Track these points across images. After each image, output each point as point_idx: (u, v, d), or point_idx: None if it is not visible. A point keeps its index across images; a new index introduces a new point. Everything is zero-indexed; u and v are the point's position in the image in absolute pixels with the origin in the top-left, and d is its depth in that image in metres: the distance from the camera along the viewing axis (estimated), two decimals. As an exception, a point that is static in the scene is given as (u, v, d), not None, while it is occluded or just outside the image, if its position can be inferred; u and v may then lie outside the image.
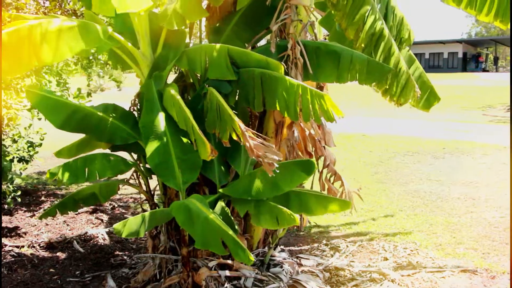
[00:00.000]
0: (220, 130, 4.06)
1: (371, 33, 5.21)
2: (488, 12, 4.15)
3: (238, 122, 3.74)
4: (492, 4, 4.10)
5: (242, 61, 4.26)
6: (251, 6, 4.95)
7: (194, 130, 3.85)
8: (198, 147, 3.90)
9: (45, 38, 3.71)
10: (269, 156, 3.66)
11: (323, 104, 3.72)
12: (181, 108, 4.00)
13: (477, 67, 50.47)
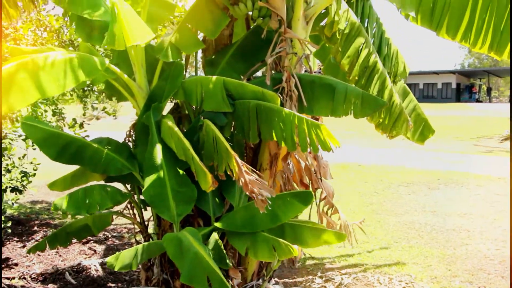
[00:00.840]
0: (217, 163, 4.07)
1: (364, 66, 5.29)
2: (483, 45, 4.22)
3: (234, 156, 3.74)
4: (486, 37, 4.17)
5: (238, 93, 4.29)
6: (247, 39, 5.02)
7: (194, 161, 3.86)
8: (199, 177, 3.89)
9: (46, 71, 3.75)
10: (262, 193, 3.65)
11: (319, 134, 3.73)
12: (179, 139, 4.01)
13: (471, 98, 50.98)
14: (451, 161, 16.37)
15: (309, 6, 4.81)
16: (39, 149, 4.51)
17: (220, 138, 3.96)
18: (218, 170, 4.03)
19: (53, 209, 4.47)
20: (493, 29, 4.08)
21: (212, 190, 4.39)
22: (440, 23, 4.32)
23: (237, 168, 3.72)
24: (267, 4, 4.60)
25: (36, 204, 10.72)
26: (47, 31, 6.74)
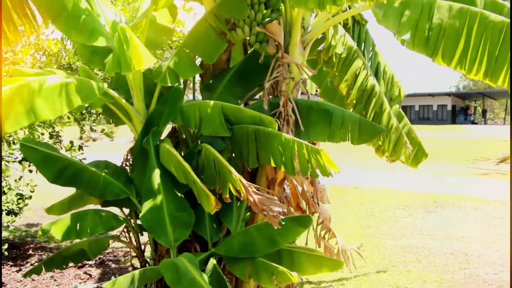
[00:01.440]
0: (220, 186, 4.07)
1: (362, 90, 5.33)
2: (478, 72, 4.24)
3: (239, 178, 3.75)
4: (481, 64, 4.20)
5: (236, 118, 4.30)
6: (244, 64, 5.06)
7: (196, 184, 3.85)
8: (202, 200, 3.88)
9: (42, 94, 3.76)
10: (273, 209, 3.67)
11: (319, 159, 3.75)
12: (179, 162, 4.01)
13: (466, 120, 51.24)
14: (447, 183, 16.37)
15: (306, 31, 4.86)
16: (38, 170, 4.52)
17: (222, 161, 3.97)
18: (223, 193, 4.03)
19: (40, 234, 4.44)
20: (488, 56, 4.12)
21: (209, 215, 4.41)
22: (436, 50, 4.36)
23: (244, 189, 3.73)
24: (265, 29, 4.65)
25: (31, 227, 10.64)
26: (46, 54, 6.79)
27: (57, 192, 5.02)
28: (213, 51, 4.73)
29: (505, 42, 4.06)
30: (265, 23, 4.66)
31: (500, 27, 4.10)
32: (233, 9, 4.66)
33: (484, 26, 4.15)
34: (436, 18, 4.31)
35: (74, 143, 7.85)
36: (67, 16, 4.39)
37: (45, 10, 4.53)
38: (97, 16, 4.55)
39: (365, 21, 6.03)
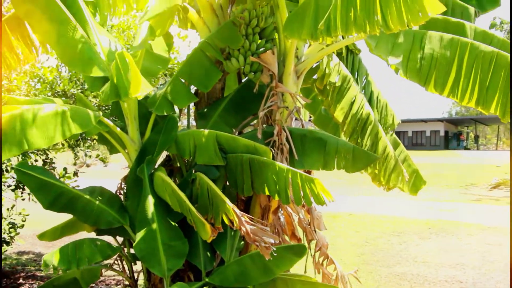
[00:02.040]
0: (212, 215, 4.06)
1: (358, 118, 5.38)
2: (470, 100, 4.29)
3: (232, 207, 3.75)
4: (472, 92, 4.25)
5: (230, 147, 4.33)
6: (239, 93, 5.11)
7: (191, 212, 3.86)
8: (198, 228, 3.89)
9: (36, 123, 3.79)
10: (266, 240, 3.66)
11: (313, 188, 3.76)
12: (174, 191, 4.02)
13: (459, 145, 51.54)
14: (441, 209, 16.37)
15: (300, 61, 4.92)
16: (33, 196, 4.51)
17: (216, 190, 3.97)
18: (215, 222, 4.03)
19: (43, 266, 4.40)
20: (479, 85, 4.18)
21: (203, 244, 4.39)
22: (428, 79, 4.41)
23: (237, 219, 3.73)
24: (259, 59, 4.71)
25: (22, 255, 10.51)
26: (41, 82, 6.81)
27: (48, 219, 4.99)
28: (208, 80, 4.78)
29: (495, 72, 4.13)
30: (260, 53, 4.72)
31: (490, 57, 4.17)
32: (227, 39, 4.73)
33: (474, 56, 4.22)
34: (427, 48, 4.39)
35: (68, 169, 7.82)
36: (64, 44, 4.43)
37: (43, 38, 4.58)
38: (93, 45, 4.59)
39: (358, 50, 6.11)
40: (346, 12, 3.48)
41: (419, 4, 3.19)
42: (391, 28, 3.35)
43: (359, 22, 3.43)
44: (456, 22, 4.84)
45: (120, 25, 7.78)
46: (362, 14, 3.42)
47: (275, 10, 4.89)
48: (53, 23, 4.39)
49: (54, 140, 3.91)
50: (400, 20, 3.29)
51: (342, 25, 3.51)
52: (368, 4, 3.38)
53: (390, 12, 3.30)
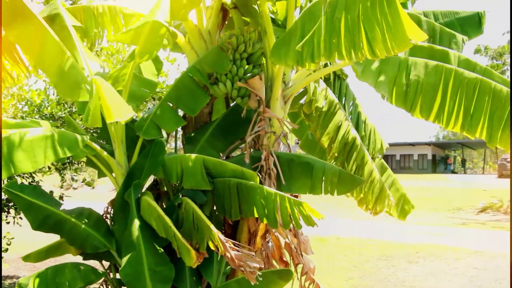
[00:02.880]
0: (197, 241, 4.04)
1: (344, 143, 5.42)
2: (455, 125, 4.35)
3: (217, 233, 3.74)
4: (457, 118, 4.31)
5: (217, 171, 4.34)
6: (226, 117, 5.14)
7: (176, 238, 3.85)
8: (182, 254, 3.86)
9: (23, 147, 3.79)
10: (250, 265, 3.65)
11: (302, 210, 3.78)
12: (160, 216, 4.00)
13: (446, 169, 51.87)
14: (429, 233, 16.39)
15: (287, 86, 4.97)
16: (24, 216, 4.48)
17: (201, 216, 3.96)
18: (200, 248, 4.01)
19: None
20: (464, 111, 4.24)
21: (189, 268, 4.36)
22: (414, 104, 4.47)
23: (222, 245, 3.71)
24: (246, 84, 4.75)
25: (5, 280, 10.33)
26: (28, 104, 6.80)
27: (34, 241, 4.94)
28: (196, 104, 4.80)
29: (479, 97, 4.20)
30: (247, 78, 4.76)
31: (474, 83, 4.25)
32: (215, 64, 4.77)
33: (459, 82, 4.30)
34: (413, 74, 4.46)
35: (55, 191, 7.75)
36: (52, 69, 4.46)
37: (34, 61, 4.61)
38: (81, 69, 4.61)
39: (345, 76, 6.19)
40: (329, 38, 3.52)
41: (402, 31, 3.24)
42: (377, 54, 3.40)
43: (343, 48, 3.48)
44: (441, 50, 4.93)
45: (109, 48, 7.81)
46: (346, 40, 3.47)
47: (262, 36, 4.96)
48: (41, 47, 4.43)
49: (41, 164, 3.91)
50: (385, 46, 3.34)
51: (325, 51, 3.55)
52: (352, 30, 3.43)
53: (375, 38, 3.35)
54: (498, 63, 21.96)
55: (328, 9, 3.57)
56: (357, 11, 3.40)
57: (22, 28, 4.39)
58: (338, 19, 3.48)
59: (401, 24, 3.21)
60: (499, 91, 4.12)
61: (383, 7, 3.29)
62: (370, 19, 3.33)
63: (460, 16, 6.01)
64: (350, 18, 3.43)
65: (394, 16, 3.22)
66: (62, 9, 4.98)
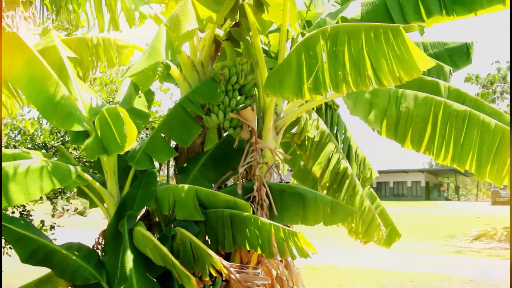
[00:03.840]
0: (199, 269, 4.04)
1: (335, 173, 5.44)
2: (445, 157, 4.39)
3: (219, 260, 3.76)
4: (447, 150, 4.36)
5: (210, 202, 4.35)
6: (218, 148, 5.17)
7: (175, 266, 3.84)
8: (183, 281, 3.85)
9: (16, 179, 3.81)
10: (258, 283, 3.67)
11: (296, 241, 3.80)
12: (156, 246, 3.99)
13: (440, 196, 51.89)
14: (423, 261, 16.32)
15: (279, 117, 5.01)
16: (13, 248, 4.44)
17: (199, 244, 3.99)
18: (202, 275, 4.01)
19: None
20: (454, 144, 4.30)
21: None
22: (404, 136, 4.53)
23: (226, 269, 3.74)
24: (239, 115, 4.79)
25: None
26: (21, 133, 6.80)
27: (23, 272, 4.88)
28: (188, 135, 4.82)
29: (469, 130, 4.26)
30: (239, 109, 4.81)
31: (463, 116, 4.31)
32: (208, 95, 4.81)
33: (448, 115, 4.37)
34: (403, 106, 4.52)
35: (46, 221, 7.70)
36: (46, 99, 4.48)
37: (25, 91, 4.64)
38: (75, 100, 4.64)
39: (336, 106, 6.26)
40: (334, 70, 3.59)
41: (410, 60, 3.32)
42: (383, 83, 3.47)
43: (350, 79, 3.55)
44: (431, 81, 5.01)
45: (103, 78, 7.87)
46: (352, 71, 3.54)
47: (255, 67, 5.02)
48: (34, 78, 4.47)
49: (35, 195, 3.94)
50: (393, 75, 3.41)
51: (332, 83, 3.63)
52: (357, 61, 3.50)
53: (381, 68, 3.42)
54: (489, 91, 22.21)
55: (328, 42, 3.65)
56: (360, 43, 3.48)
57: (17, 60, 4.44)
58: (341, 52, 3.56)
59: (409, 53, 3.29)
60: (487, 124, 4.18)
61: (388, 37, 3.37)
62: (375, 50, 3.41)
63: (448, 47, 6.11)
64: (353, 49, 3.51)
65: (402, 46, 3.31)
66: (57, 41, 5.04)
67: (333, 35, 3.66)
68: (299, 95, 3.83)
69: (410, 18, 4.45)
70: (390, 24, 3.51)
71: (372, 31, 3.49)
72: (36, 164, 4.02)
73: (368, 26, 3.54)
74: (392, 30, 3.40)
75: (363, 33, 3.50)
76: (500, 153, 4.08)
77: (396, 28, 3.38)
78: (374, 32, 3.47)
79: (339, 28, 3.68)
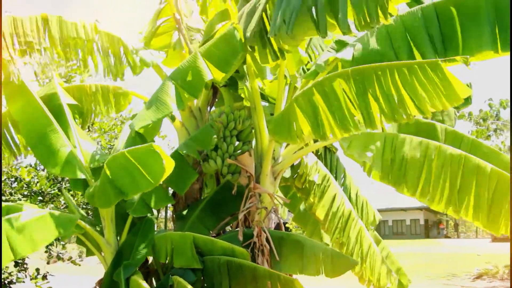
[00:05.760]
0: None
1: (339, 216, 5.40)
2: (440, 202, 4.31)
3: None
4: (442, 195, 4.28)
5: (208, 249, 4.32)
6: (217, 194, 5.15)
7: None
8: None
9: (20, 231, 3.81)
10: None
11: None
12: None
13: (439, 234, 51.45)
14: (425, 302, 16.08)
15: (277, 162, 5.02)
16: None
17: None
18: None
19: None
20: (450, 188, 4.23)
21: None
22: (399, 181, 4.45)
23: None
24: (236, 161, 4.80)
25: None
26: (18, 181, 6.77)
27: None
28: (185, 182, 4.81)
29: (465, 175, 4.19)
30: (237, 155, 4.81)
31: (458, 160, 4.25)
32: (205, 141, 4.82)
33: (443, 159, 4.30)
34: (398, 151, 4.47)
35: (40, 266, 7.61)
36: (45, 147, 4.52)
37: (24, 138, 4.67)
38: (73, 147, 4.65)
39: (335, 149, 6.27)
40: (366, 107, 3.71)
41: (450, 89, 3.37)
42: (424, 112, 3.55)
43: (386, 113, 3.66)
44: (427, 123, 5.02)
45: (102, 125, 7.89)
46: (387, 106, 3.64)
47: (252, 112, 5.05)
48: (34, 125, 4.51)
49: (38, 246, 3.98)
50: (433, 104, 3.45)
51: (365, 119, 3.73)
52: (392, 97, 3.61)
53: (420, 99, 3.51)
54: (483, 128, 22.38)
55: (352, 82, 3.70)
56: (394, 79, 3.57)
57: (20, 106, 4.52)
58: (373, 90, 3.65)
59: (449, 83, 3.37)
60: (483, 168, 4.12)
61: (426, 71, 3.43)
62: (411, 83, 3.50)
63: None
64: (385, 87, 3.60)
65: (441, 76, 3.37)
66: (59, 88, 5.09)
67: (357, 75, 3.71)
68: (321, 137, 3.87)
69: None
70: (425, 60, 3.56)
71: (405, 67, 3.54)
72: (37, 214, 4.03)
73: (400, 64, 3.61)
74: (428, 64, 3.44)
75: (395, 70, 3.57)
76: (496, 199, 4.02)
77: (434, 62, 3.42)
78: (407, 68, 3.52)
79: (363, 69, 3.73)
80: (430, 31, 4.16)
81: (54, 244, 7.65)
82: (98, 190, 4.13)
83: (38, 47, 4.63)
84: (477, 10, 3.99)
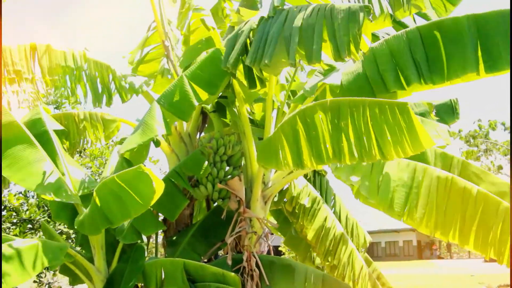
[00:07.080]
0: None
1: (330, 239, 5.40)
2: (427, 225, 4.30)
3: None
4: (430, 217, 4.27)
5: (199, 275, 4.29)
6: (207, 219, 5.16)
7: None
8: None
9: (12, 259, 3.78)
10: None
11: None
12: None
13: (432, 255, 51.31)
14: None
15: (267, 186, 5.03)
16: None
17: None
18: None
19: None
20: (436, 211, 4.22)
21: None
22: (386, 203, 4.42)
23: None
24: (226, 186, 4.81)
25: None
26: (6, 209, 6.72)
27: None
28: (175, 208, 4.82)
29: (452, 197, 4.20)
30: (227, 180, 4.82)
31: (445, 182, 4.26)
32: (195, 167, 4.84)
33: (430, 181, 4.31)
34: (386, 173, 4.48)
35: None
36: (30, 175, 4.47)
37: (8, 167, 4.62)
38: (62, 175, 4.63)
39: (324, 172, 6.30)
40: (337, 142, 3.64)
41: (415, 137, 3.33)
42: (387, 158, 3.48)
43: (354, 151, 3.58)
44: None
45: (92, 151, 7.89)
46: (357, 144, 3.57)
47: (242, 138, 5.08)
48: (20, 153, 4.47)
49: (30, 275, 3.94)
50: (396, 151, 3.42)
51: (334, 154, 3.66)
52: (362, 135, 3.54)
53: (386, 143, 3.44)
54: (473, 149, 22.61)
55: (329, 114, 3.67)
56: (365, 117, 3.50)
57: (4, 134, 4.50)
58: (345, 125, 3.58)
59: (414, 130, 3.31)
60: (469, 190, 4.13)
61: (395, 113, 3.37)
62: (380, 125, 3.44)
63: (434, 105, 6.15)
64: (357, 123, 3.54)
65: (408, 122, 3.32)
66: (44, 114, 5.07)
67: (334, 108, 3.67)
68: (299, 165, 3.84)
69: (390, 86, 4.49)
70: (395, 101, 3.50)
71: (377, 106, 3.48)
72: (28, 243, 4.00)
73: (373, 102, 3.53)
74: (398, 106, 3.40)
75: (368, 108, 3.50)
76: (483, 222, 4.03)
77: (403, 104, 3.38)
78: (379, 107, 3.46)
79: (340, 102, 3.68)
80: (415, 54, 4.22)
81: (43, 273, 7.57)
82: (88, 218, 4.11)
83: (27, 75, 4.65)
84: (460, 34, 4.05)
